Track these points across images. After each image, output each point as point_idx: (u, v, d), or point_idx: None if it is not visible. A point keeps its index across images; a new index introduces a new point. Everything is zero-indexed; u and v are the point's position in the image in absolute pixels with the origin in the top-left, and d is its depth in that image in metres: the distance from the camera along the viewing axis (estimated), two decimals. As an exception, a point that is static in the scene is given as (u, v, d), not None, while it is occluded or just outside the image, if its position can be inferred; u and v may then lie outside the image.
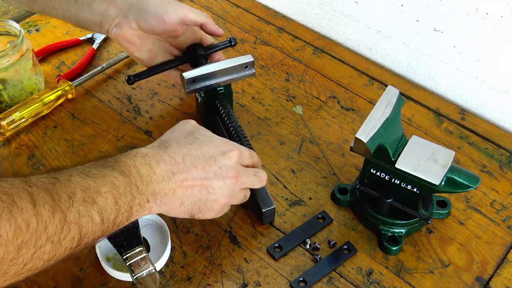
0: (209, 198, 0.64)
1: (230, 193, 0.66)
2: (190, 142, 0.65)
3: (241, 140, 0.77)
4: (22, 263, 0.49)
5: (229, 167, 0.65)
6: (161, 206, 0.61)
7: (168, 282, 0.69)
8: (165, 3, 0.78)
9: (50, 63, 0.99)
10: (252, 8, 1.12)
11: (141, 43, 0.80)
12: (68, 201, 0.52)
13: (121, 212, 0.57)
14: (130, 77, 0.83)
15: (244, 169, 0.67)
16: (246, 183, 0.67)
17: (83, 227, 0.53)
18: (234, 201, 0.68)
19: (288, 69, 0.99)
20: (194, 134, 0.66)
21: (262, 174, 0.70)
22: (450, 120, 0.91)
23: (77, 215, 0.52)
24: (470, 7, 0.85)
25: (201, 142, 0.65)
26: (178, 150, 0.63)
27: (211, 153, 0.64)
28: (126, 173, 0.58)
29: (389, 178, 0.71)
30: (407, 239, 0.74)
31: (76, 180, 0.54)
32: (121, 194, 0.57)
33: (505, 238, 0.75)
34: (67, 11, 0.79)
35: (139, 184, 0.58)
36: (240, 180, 0.66)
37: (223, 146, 0.66)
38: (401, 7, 0.94)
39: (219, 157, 0.64)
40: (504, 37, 0.84)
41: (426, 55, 0.96)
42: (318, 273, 0.70)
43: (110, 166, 0.58)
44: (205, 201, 0.64)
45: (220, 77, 0.82)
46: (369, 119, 0.68)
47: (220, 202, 0.65)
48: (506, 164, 0.84)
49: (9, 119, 0.84)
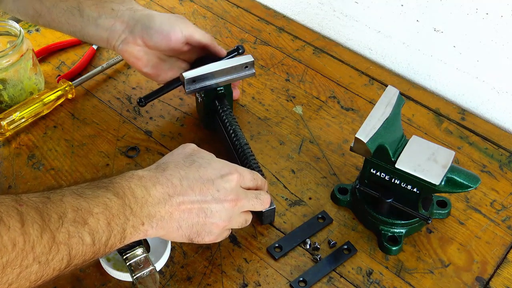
0: (207, 221, 0.62)
1: (229, 216, 0.64)
2: (188, 164, 0.63)
3: (240, 140, 0.77)
4: (7, 283, 0.48)
5: (228, 190, 0.63)
6: (158, 229, 0.60)
7: (168, 282, 0.69)
8: (173, 20, 0.78)
9: (50, 63, 0.99)
10: (252, 8, 1.12)
11: (147, 59, 0.80)
12: (58, 221, 0.51)
13: (113, 234, 0.55)
14: (141, 100, 0.83)
15: (244, 192, 0.66)
16: (246, 206, 0.66)
17: (73, 248, 0.52)
18: (235, 225, 0.66)
19: (288, 69, 0.99)
20: (193, 156, 0.65)
21: (264, 197, 0.68)
22: (450, 120, 0.91)
23: (67, 236, 0.51)
24: (470, 7, 0.85)
25: (199, 164, 0.64)
26: (175, 172, 0.62)
27: (209, 176, 0.63)
28: (120, 194, 0.57)
29: (389, 178, 0.71)
30: (407, 239, 0.74)
31: (68, 200, 0.53)
32: (114, 215, 0.55)
33: (505, 238, 0.75)
34: (73, 26, 0.79)
35: (133, 206, 0.57)
36: (239, 203, 0.64)
37: (222, 169, 0.64)
38: (401, 7, 0.94)
39: (217, 180, 0.63)
40: (504, 37, 0.84)
41: (426, 55, 0.96)
42: (318, 273, 0.70)
43: (104, 187, 0.57)
44: (203, 225, 0.62)
45: (220, 77, 0.82)
46: (369, 119, 0.68)
47: (219, 226, 0.63)
48: (506, 164, 0.84)
49: (9, 119, 0.84)
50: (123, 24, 0.77)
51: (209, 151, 0.68)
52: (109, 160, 0.83)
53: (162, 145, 0.85)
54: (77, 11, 0.78)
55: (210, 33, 1.02)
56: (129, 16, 0.78)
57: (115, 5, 0.78)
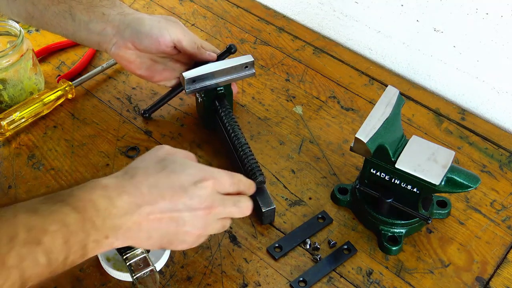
0: (180, 230, 0.59)
1: (203, 225, 0.60)
2: (159, 170, 0.59)
3: (240, 140, 0.77)
4: None
5: (202, 198, 0.59)
6: (125, 240, 0.57)
7: (168, 282, 0.69)
8: (162, 24, 0.78)
9: (50, 63, 0.99)
10: (252, 8, 1.12)
11: (140, 61, 0.81)
12: (8, 244, 0.48)
13: (72, 252, 0.52)
14: (145, 111, 0.87)
15: (221, 199, 0.61)
16: (222, 213, 0.62)
17: (26, 271, 0.49)
18: (211, 232, 0.63)
19: (288, 69, 0.99)
20: (165, 161, 0.60)
21: (244, 204, 0.64)
22: (450, 120, 0.91)
23: (18, 259, 0.48)
24: (470, 7, 0.85)
25: (171, 170, 0.59)
26: (144, 179, 0.58)
27: (181, 183, 0.59)
28: (80, 208, 0.53)
29: (389, 178, 0.71)
30: (407, 239, 0.74)
31: (22, 218, 0.50)
32: (72, 232, 0.51)
33: (505, 238, 0.75)
34: (65, 29, 0.80)
35: (95, 220, 0.53)
36: (214, 211, 0.60)
37: (196, 175, 0.60)
38: (401, 7, 0.94)
39: (190, 187, 0.59)
40: (504, 37, 0.84)
41: (426, 55, 0.96)
42: (318, 273, 0.70)
43: (61, 201, 0.53)
44: (176, 234, 0.59)
45: (220, 77, 0.82)
46: (369, 119, 0.68)
47: (192, 234, 0.60)
48: (506, 164, 0.84)
49: (9, 119, 0.84)
50: (114, 29, 0.78)
51: (209, 151, 0.67)
52: (109, 160, 0.83)
53: (162, 145, 0.85)
54: (68, 15, 0.78)
55: (210, 33, 1.03)
56: (119, 20, 0.78)
57: (105, 9, 0.78)
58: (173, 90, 0.87)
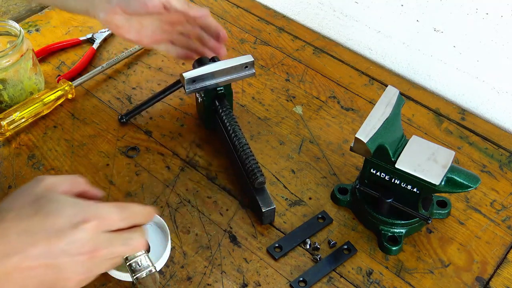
0: (59, 277, 0.53)
1: (86, 270, 0.55)
2: (34, 213, 0.53)
3: (240, 140, 0.77)
4: None
5: (83, 241, 0.53)
6: None
7: (168, 282, 0.69)
8: None
9: (50, 63, 0.99)
10: (252, 8, 1.12)
11: (129, 25, 0.79)
12: None
13: None
14: (122, 117, 0.88)
15: (108, 239, 0.56)
16: (109, 255, 0.56)
17: None
18: (100, 272, 0.57)
19: (288, 69, 0.99)
20: (40, 201, 0.55)
21: (136, 241, 0.58)
22: (450, 120, 0.91)
23: None
24: (470, 7, 0.85)
25: (47, 212, 0.53)
26: (14, 224, 0.52)
27: (58, 226, 0.53)
28: None
29: (389, 178, 0.71)
30: (407, 239, 0.74)
31: None
32: None
33: (505, 238, 0.75)
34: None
35: None
36: (99, 254, 0.55)
37: (76, 216, 0.54)
38: (401, 7, 0.94)
39: (68, 231, 0.53)
40: (504, 37, 0.84)
41: (426, 55, 0.96)
42: (318, 273, 0.70)
43: None
44: (55, 281, 0.54)
45: (220, 77, 0.82)
46: (369, 119, 0.68)
47: (75, 280, 0.55)
48: (506, 164, 0.84)
49: (9, 119, 0.84)
50: None
51: (209, 151, 0.67)
52: (109, 160, 0.83)
53: (162, 145, 0.85)
54: None
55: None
56: None
57: None
58: (152, 98, 0.89)
